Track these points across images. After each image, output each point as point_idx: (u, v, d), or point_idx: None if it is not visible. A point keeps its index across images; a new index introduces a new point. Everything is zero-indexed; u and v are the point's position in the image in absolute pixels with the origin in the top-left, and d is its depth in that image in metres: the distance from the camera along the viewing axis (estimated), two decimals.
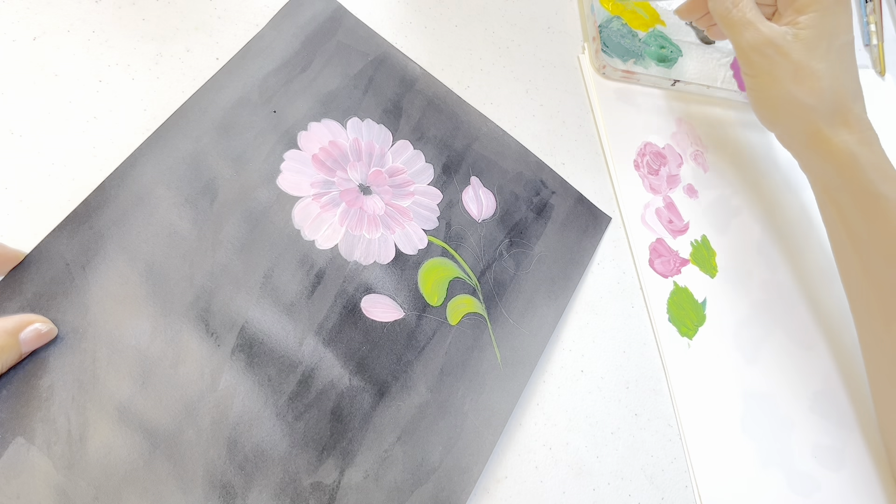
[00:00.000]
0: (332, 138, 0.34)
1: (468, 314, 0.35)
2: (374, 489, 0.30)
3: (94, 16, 0.32)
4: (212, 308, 0.29)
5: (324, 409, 0.30)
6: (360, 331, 0.32)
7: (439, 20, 0.42)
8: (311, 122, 0.34)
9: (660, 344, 0.40)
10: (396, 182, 0.35)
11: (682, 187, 0.45)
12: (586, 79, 0.45)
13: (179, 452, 0.27)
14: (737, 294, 0.43)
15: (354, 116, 0.35)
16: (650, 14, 0.49)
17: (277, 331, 0.30)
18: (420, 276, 0.34)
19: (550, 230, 0.39)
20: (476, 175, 0.38)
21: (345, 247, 0.33)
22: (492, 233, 0.37)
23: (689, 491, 0.37)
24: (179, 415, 0.28)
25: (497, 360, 0.35)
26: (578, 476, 0.35)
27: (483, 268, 0.36)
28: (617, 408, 0.37)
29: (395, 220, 0.34)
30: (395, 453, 0.31)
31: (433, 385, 0.33)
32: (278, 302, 0.31)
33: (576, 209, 0.40)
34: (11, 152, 0.29)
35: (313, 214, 0.32)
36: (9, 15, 0.31)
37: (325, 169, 0.34)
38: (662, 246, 0.42)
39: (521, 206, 0.38)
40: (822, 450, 0.41)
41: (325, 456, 0.30)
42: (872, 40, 0.60)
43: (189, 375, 0.28)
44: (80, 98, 0.31)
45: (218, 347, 0.29)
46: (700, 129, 0.48)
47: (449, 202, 0.36)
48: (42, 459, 0.25)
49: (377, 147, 0.35)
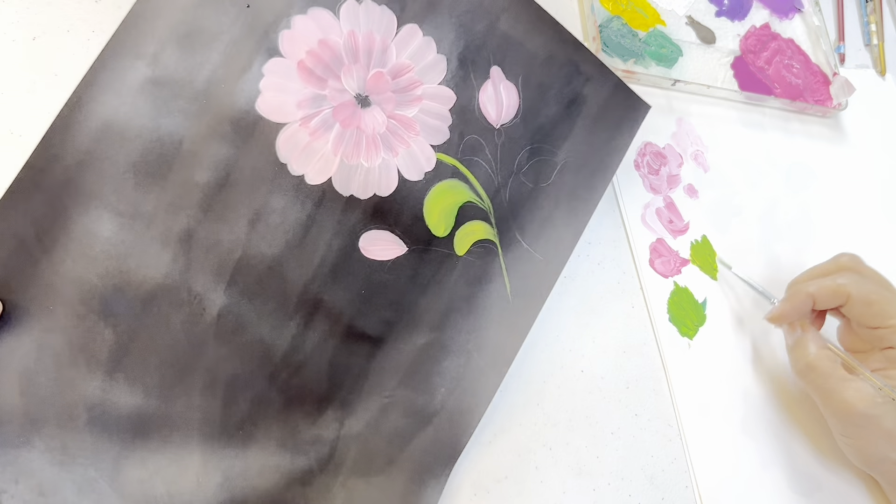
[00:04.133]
0: (322, 35, 0.28)
1: (477, 241, 0.31)
2: (375, 437, 0.29)
3: (94, 16, 0.32)
4: (193, 264, 0.26)
5: (321, 361, 0.28)
6: (359, 274, 0.29)
7: None
8: (295, 15, 0.28)
9: (660, 344, 0.40)
10: (401, 85, 0.30)
11: (682, 187, 0.45)
12: None
13: (173, 419, 0.26)
14: (737, 294, 0.43)
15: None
16: (650, 14, 0.49)
17: (268, 283, 0.27)
18: (426, 205, 0.30)
19: (579, 130, 0.33)
20: (498, 64, 0.31)
21: (339, 180, 0.28)
22: (511, 140, 0.32)
23: (689, 491, 0.37)
24: (170, 380, 0.26)
25: (506, 291, 0.32)
26: (578, 476, 0.35)
27: (498, 185, 0.31)
28: (617, 408, 0.37)
29: (399, 138, 0.29)
30: (397, 398, 0.29)
31: (436, 324, 0.30)
32: (267, 251, 0.27)
33: (611, 100, 0.34)
34: (11, 152, 0.29)
35: (301, 144, 0.28)
36: (8, 15, 0.31)
37: (313, 79, 0.28)
38: (663, 246, 0.42)
39: (549, 101, 0.32)
40: (822, 450, 0.41)
41: (324, 408, 0.28)
42: (872, 40, 0.60)
43: (176, 335, 0.26)
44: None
45: (204, 309, 0.27)
46: (700, 129, 0.48)
47: (463, 105, 0.31)
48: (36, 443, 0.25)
49: (378, 39, 0.29)
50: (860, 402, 0.34)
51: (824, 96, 0.52)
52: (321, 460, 0.28)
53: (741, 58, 0.51)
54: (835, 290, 0.37)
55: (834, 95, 0.53)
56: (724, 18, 0.52)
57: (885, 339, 0.37)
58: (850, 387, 0.35)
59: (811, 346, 0.36)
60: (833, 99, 0.52)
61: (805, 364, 0.36)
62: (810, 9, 0.56)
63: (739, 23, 0.53)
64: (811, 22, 0.56)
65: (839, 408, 0.35)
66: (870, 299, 0.37)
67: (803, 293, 0.37)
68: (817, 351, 0.36)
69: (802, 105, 0.51)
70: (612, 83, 0.34)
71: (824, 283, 0.37)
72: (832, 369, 0.35)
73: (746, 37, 0.52)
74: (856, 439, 0.36)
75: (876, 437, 0.35)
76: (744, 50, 0.51)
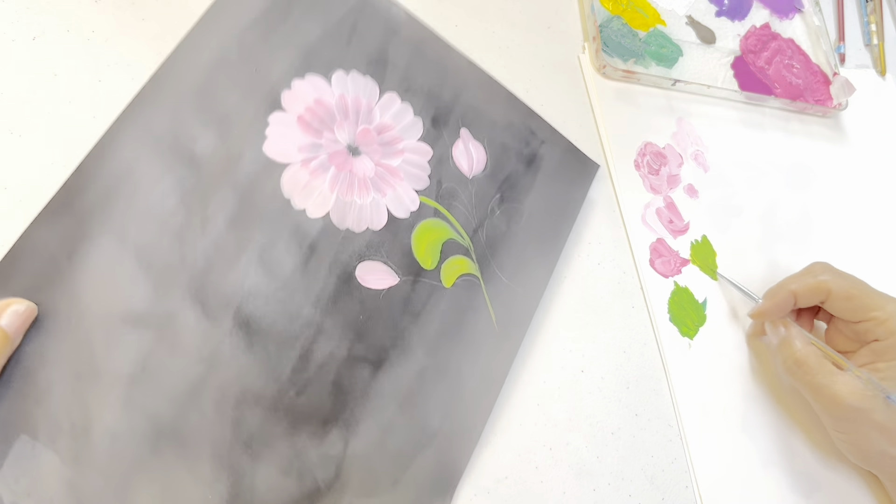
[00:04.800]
0: (318, 96, 0.32)
1: (462, 275, 0.34)
2: (379, 457, 0.30)
3: (94, 16, 0.32)
4: (206, 287, 0.28)
5: (325, 382, 0.30)
6: (357, 300, 0.31)
7: (439, 20, 0.42)
8: (294, 79, 0.32)
9: (660, 344, 0.40)
10: (385, 140, 0.34)
11: (682, 187, 0.45)
12: (586, 79, 0.45)
13: (184, 436, 0.27)
14: (737, 295, 0.43)
15: (339, 69, 0.33)
16: (650, 14, 0.49)
17: (274, 306, 0.29)
18: (413, 240, 0.33)
19: (540, 182, 0.38)
20: (466, 126, 0.36)
21: (336, 215, 0.32)
22: (483, 189, 0.36)
23: (689, 491, 0.37)
24: (182, 398, 0.27)
25: (492, 320, 0.35)
26: (578, 476, 0.35)
27: (475, 226, 0.35)
28: (617, 408, 0.37)
29: (386, 182, 0.33)
30: (397, 420, 0.31)
31: (430, 349, 0.33)
32: (273, 276, 0.30)
33: (564, 158, 0.39)
34: (11, 152, 0.29)
35: (302, 182, 0.31)
36: (9, 15, 0.31)
37: (311, 131, 0.32)
38: (663, 246, 0.42)
39: (511, 158, 0.37)
40: (822, 450, 0.41)
41: (330, 427, 0.30)
42: (872, 40, 0.60)
43: (188, 358, 0.28)
44: (80, 98, 0.31)
45: (215, 327, 0.28)
46: (700, 129, 0.48)
47: (439, 158, 0.35)
48: (48, 455, 0.25)
49: (364, 102, 0.34)
50: (850, 396, 0.34)
51: (824, 96, 0.52)
52: (327, 480, 0.29)
53: (741, 58, 0.51)
54: (815, 287, 0.38)
55: (834, 95, 0.53)
56: (724, 18, 0.52)
57: (869, 333, 0.37)
58: (838, 381, 0.35)
59: (797, 343, 0.37)
60: (833, 99, 0.52)
61: (793, 361, 0.37)
62: (810, 9, 0.56)
63: (739, 23, 0.53)
64: (811, 22, 0.56)
65: (829, 403, 0.35)
66: (850, 293, 0.37)
67: (785, 290, 0.38)
68: (803, 347, 0.37)
69: (802, 105, 0.51)
70: (563, 145, 0.40)
71: (805, 279, 0.38)
72: (820, 364, 0.36)
73: (746, 37, 0.52)
74: (849, 434, 0.36)
75: (868, 430, 0.35)
76: (744, 50, 0.51)
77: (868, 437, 0.35)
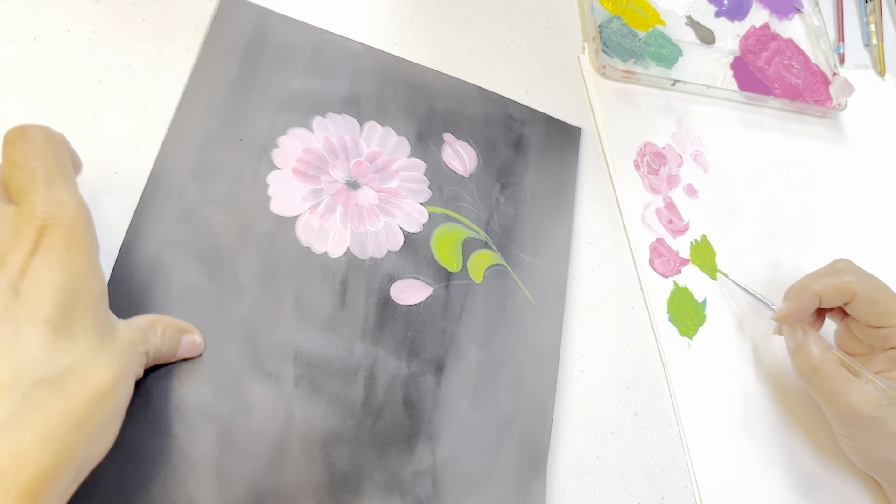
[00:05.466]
0: (305, 146, 0.34)
1: (489, 267, 0.36)
2: (466, 456, 0.32)
3: (94, 16, 0.32)
4: (259, 350, 0.29)
5: (396, 403, 0.31)
6: (400, 319, 0.33)
7: (439, 20, 0.42)
8: (278, 137, 0.34)
9: (660, 344, 0.40)
10: (379, 166, 0.35)
11: (682, 187, 0.45)
12: (586, 79, 0.45)
13: (284, 490, 0.28)
14: (737, 294, 0.43)
15: (316, 116, 0.35)
16: (650, 14, 0.49)
17: (327, 348, 0.31)
18: (434, 249, 0.35)
19: (532, 160, 0.40)
20: (448, 131, 0.38)
21: (356, 247, 0.33)
22: (482, 183, 0.38)
23: (689, 491, 0.37)
24: (272, 459, 0.28)
25: (529, 299, 0.36)
26: (578, 476, 0.35)
27: (486, 218, 0.37)
28: (617, 408, 0.37)
29: (392, 204, 0.35)
30: (473, 417, 0.33)
31: (481, 344, 0.34)
32: (316, 321, 0.31)
33: (547, 132, 0.41)
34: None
35: (316, 228, 0.33)
36: (9, 15, 0.31)
37: (309, 178, 0.33)
38: (662, 246, 0.42)
39: (500, 147, 0.39)
40: (822, 450, 0.41)
41: (414, 444, 0.31)
42: (872, 40, 0.60)
43: (265, 420, 0.29)
44: (80, 98, 0.31)
45: (280, 384, 0.29)
46: (700, 130, 0.48)
47: (434, 168, 0.37)
48: None
49: (348, 139, 0.35)
50: (865, 405, 0.34)
51: (824, 96, 0.53)
52: (427, 492, 0.30)
53: (741, 58, 0.51)
54: (841, 288, 0.37)
55: (833, 95, 0.53)
56: (723, 19, 0.53)
57: (888, 339, 0.36)
58: (854, 389, 0.35)
59: (814, 349, 0.36)
60: (833, 99, 0.53)
61: (809, 366, 0.36)
62: (810, 9, 0.56)
63: (739, 23, 0.53)
64: (811, 22, 0.56)
65: (844, 410, 0.35)
66: (875, 297, 0.36)
67: (809, 290, 0.37)
68: (821, 353, 0.36)
69: (802, 105, 0.52)
70: (542, 120, 0.41)
71: (830, 280, 0.37)
72: (836, 372, 0.35)
73: (746, 37, 0.52)
74: (860, 441, 0.36)
75: (880, 438, 0.34)
76: (743, 50, 0.51)
77: (879, 445, 0.35)
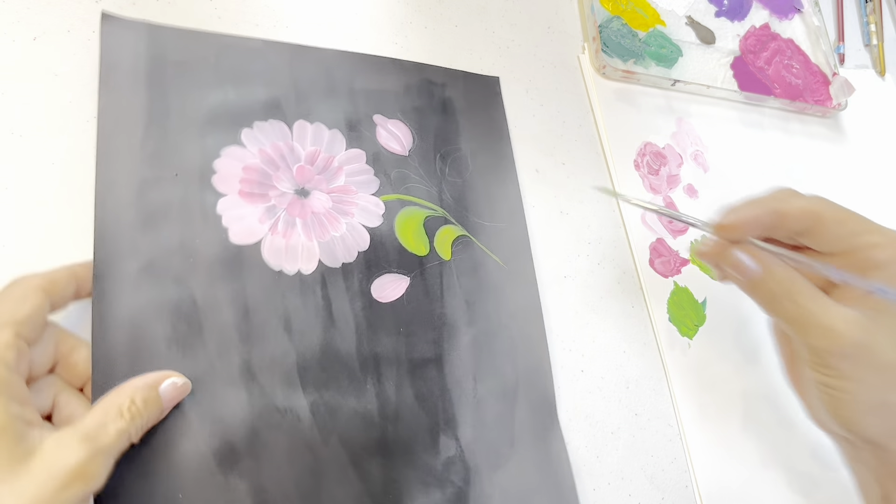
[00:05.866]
0: (242, 164, 0.32)
1: (454, 242, 0.36)
2: (487, 431, 0.33)
3: (94, 16, 0.32)
4: (266, 390, 0.29)
5: (409, 400, 0.32)
6: (388, 317, 0.33)
7: (439, 20, 0.42)
8: (213, 161, 0.31)
9: (660, 344, 0.40)
10: (321, 166, 0.34)
11: (682, 187, 0.45)
12: (586, 79, 0.45)
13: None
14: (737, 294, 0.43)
15: (243, 128, 0.33)
16: (650, 14, 0.49)
17: (330, 365, 0.31)
18: (399, 237, 0.35)
19: (462, 122, 0.39)
20: (377, 112, 0.37)
21: (327, 257, 0.32)
22: (423, 157, 0.37)
23: (689, 491, 0.37)
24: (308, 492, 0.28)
25: (499, 263, 0.37)
26: (578, 476, 0.35)
27: (438, 193, 0.37)
28: (617, 408, 0.37)
29: (346, 203, 0.34)
30: (481, 391, 0.34)
31: (468, 319, 0.35)
32: (312, 343, 0.31)
33: (468, 88, 0.40)
34: (11, 152, 0.29)
35: (282, 247, 0.31)
36: (9, 15, 0.31)
37: (258, 198, 0.32)
38: (662, 246, 0.42)
39: (428, 115, 0.38)
40: (822, 450, 0.41)
41: (436, 435, 0.32)
42: (872, 40, 0.60)
43: (293, 457, 0.28)
44: (80, 98, 0.31)
45: (298, 418, 0.29)
46: (700, 130, 0.48)
47: (374, 154, 0.36)
48: None
49: (282, 145, 0.33)
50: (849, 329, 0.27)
51: (824, 96, 0.53)
52: (461, 476, 0.32)
53: (741, 58, 0.51)
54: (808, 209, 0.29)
55: (834, 95, 0.53)
56: (723, 19, 0.53)
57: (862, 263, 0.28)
58: (835, 312, 0.27)
59: (782, 269, 0.29)
60: (833, 99, 0.53)
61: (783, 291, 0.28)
62: (810, 9, 0.56)
63: (739, 23, 0.53)
64: (811, 22, 0.56)
65: (823, 339, 0.27)
66: (840, 217, 0.29)
67: (769, 206, 0.29)
68: (791, 274, 0.28)
69: (802, 105, 0.52)
70: (461, 77, 0.40)
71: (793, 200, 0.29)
72: (812, 292, 0.28)
73: (746, 37, 0.52)
74: (846, 381, 0.28)
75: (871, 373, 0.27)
76: (743, 50, 0.51)
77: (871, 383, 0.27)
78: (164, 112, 0.31)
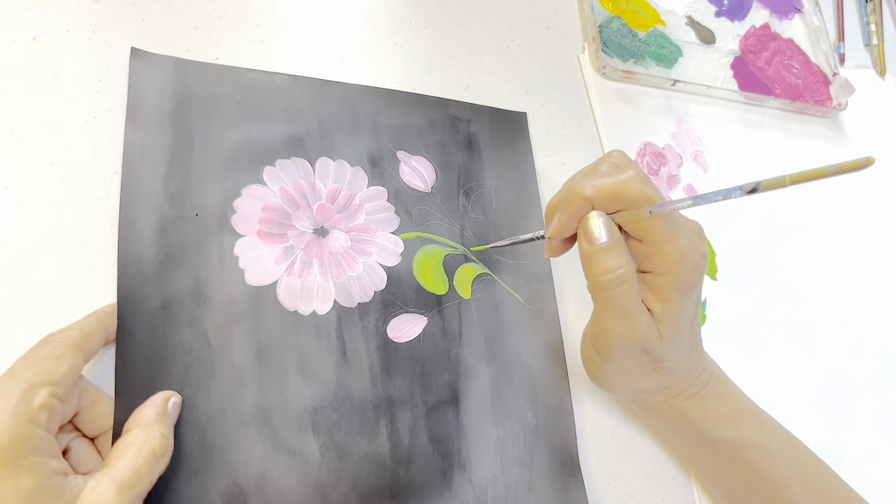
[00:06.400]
0: (262, 203, 0.32)
1: (474, 280, 0.35)
2: (503, 475, 0.32)
3: (94, 16, 0.32)
4: (277, 431, 0.29)
5: (422, 443, 0.31)
6: (404, 358, 0.32)
7: (439, 20, 0.42)
8: (233, 200, 0.31)
9: None
10: (341, 204, 0.34)
11: (682, 187, 0.45)
12: (586, 79, 0.45)
13: None
14: (737, 294, 0.43)
15: (266, 166, 0.33)
16: (650, 14, 0.49)
17: (342, 409, 0.30)
18: (418, 277, 0.34)
19: (487, 157, 0.39)
20: (401, 149, 0.36)
21: (342, 297, 0.32)
22: (446, 194, 0.37)
23: (688, 491, 0.37)
24: None
25: (521, 302, 0.36)
26: None
27: (459, 230, 0.36)
28: (617, 408, 0.37)
29: (365, 242, 0.34)
30: (499, 434, 0.33)
31: (488, 359, 0.34)
32: (325, 385, 0.30)
33: (494, 125, 0.40)
34: (11, 152, 0.29)
35: (297, 288, 0.31)
36: (9, 15, 0.31)
37: (276, 238, 0.32)
38: None
39: (453, 151, 0.38)
40: (821, 450, 0.41)
41: (450, 478, 0.31)
42: (872, 40, 0.60)
43: (303, 491, 0.28)
44: (80, 98, 0.31)
45: (307, 460, 0.29)
46: (700, 130, 0.48)
47: (395, 191, 0.35)
48: None
49: (304, 183, 0.33)
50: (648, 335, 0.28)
51: (824, 96, 0.53)
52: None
53: (741, 58, 0.51)
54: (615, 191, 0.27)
55: (834, 95, 0.53)
56: (723, 19, 0.53)
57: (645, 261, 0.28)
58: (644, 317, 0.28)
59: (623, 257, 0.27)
60: (833, 99, 0.53)
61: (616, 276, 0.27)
62: (810, 9, 0.56)
63: (739, 23, 0.53)
64: (811, 22, 0.56)
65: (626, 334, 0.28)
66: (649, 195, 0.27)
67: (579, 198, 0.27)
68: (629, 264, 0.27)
69: (802, 105, 0.52)
70: (487, 114, 0.40)
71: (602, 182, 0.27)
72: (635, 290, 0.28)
73: (746, 37, 0.52)
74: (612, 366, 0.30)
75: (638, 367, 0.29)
76: (744, 50, 0.51)
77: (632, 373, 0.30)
78: (187, 150, 0.31)
